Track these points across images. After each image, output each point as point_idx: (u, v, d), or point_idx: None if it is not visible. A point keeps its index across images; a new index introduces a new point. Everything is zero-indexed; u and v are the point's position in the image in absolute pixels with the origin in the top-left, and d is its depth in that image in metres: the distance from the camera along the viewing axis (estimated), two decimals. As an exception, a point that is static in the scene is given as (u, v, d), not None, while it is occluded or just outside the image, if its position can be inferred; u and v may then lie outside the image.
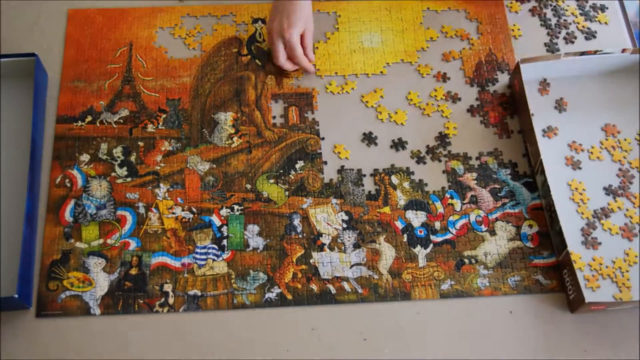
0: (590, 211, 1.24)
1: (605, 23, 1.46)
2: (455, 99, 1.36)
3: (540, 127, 1.31)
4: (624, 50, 1.33)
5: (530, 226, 1.24)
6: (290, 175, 1.27)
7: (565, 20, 1.46)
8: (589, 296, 1.14)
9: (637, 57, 1.34)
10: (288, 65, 1.34)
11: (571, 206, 1.25)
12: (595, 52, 1.32)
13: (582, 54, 1.33)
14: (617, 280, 1.19)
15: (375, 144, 1.30)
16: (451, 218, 1.24)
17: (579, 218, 1.24)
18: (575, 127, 1.33)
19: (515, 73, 1.33)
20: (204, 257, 1.19)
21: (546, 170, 1.22)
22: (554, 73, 1.37)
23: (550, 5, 1.48)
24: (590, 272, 1.19)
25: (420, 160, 1.29)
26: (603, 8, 1.48)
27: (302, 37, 1.33)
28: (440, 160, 1.29)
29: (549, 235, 1.23)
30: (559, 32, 1.44)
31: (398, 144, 1.30)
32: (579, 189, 1.26)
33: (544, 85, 1.37)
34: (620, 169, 1.29)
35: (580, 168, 1.28)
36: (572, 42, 1.44)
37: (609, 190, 1.26)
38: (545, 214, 1.25)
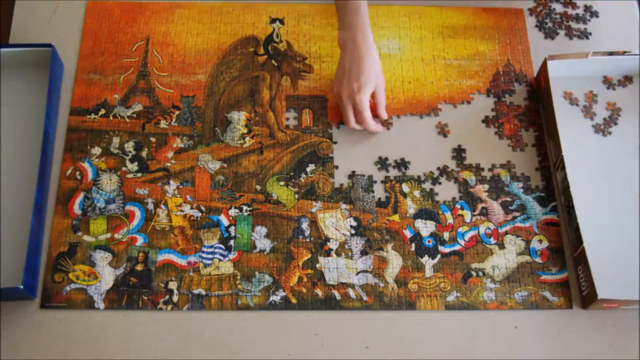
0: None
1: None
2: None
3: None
4: None
5: (540, 241, 1.23)
6: (301, 178, 1.27)
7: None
8: (602, 292, 1.12)
9: None
10: (358, 127, 1.29)
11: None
12: (623, 53, 1.32)
13: (611, 54, 1.32)
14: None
15: (387, 169, 1.29)
16: (460, 229, 1.24)
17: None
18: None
19: (542, 69, 1.34)
20: (210, 256, 1.19)
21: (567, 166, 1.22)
22: (579, 72, 1.37)
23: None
24: (604, 269, 1.18)
25: (434, 181, 1.28)
26: (596, 13, 1.48)
27: (373, 94, 1.27)
28: (455, 176, 1.28)
29: (558, 251, 1.22)
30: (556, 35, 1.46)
31: (401, 164, 1.29)
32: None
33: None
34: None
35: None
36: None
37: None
38: (562, 211, 1.25)
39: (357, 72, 1.24)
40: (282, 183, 1.26)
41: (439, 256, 1.21)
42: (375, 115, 1.30)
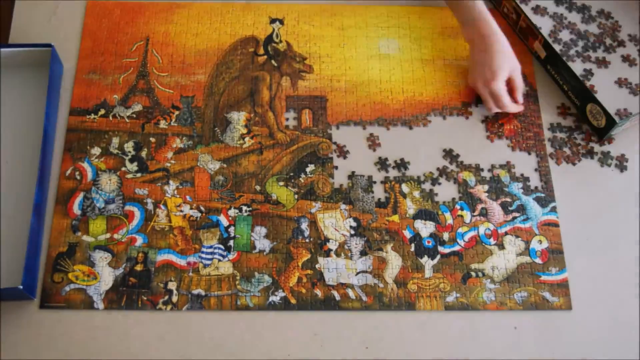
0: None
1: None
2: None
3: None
4: None
5: (540, 242, 1.23)
6: (300, 179, 1.26)
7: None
8: None
9: None
10: (499, 110, 1.32)
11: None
12: None
13: None
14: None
15: (387, 170, 1.29)
16: (460, 230, 1.23)
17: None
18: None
19: None
20: (209, 256, 1.19)
21: None
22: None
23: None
24: None
25: (434, 181, 1.28)
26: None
27: (510, 79, 1.30)
28: (454, 176, 1.28)
29: (558, 251, 1.22)
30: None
31: (401, 165, 1.29)
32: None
33: None
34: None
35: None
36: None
37: None
38: None
39: (488, 61, 1.28)
40: (281, 183, 1.26)
41: (438, 257, 1.21)
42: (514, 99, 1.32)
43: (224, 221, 1.22)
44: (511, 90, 1.31)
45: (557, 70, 1.36)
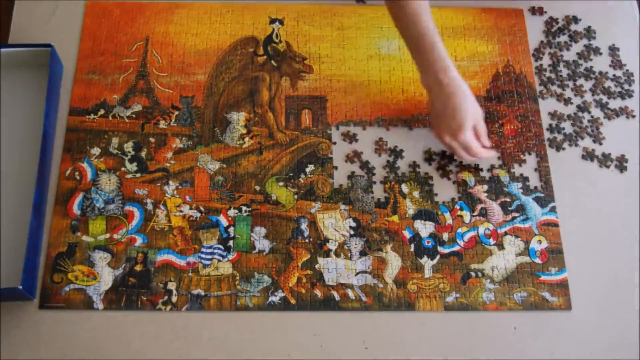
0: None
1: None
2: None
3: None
4: None
5: (540, 242, 1.23)
6: (300, 179, 1.26)
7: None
8: None
9: None
10: (472, 159, 1.26)
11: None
12: None
13: None
14: None
15: (398, 169, 1.30)
16: (459, 230, 1.23)
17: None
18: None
19: None
20: (209, 257, 1.19)
21: None
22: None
23: None
24: None
25: (429, 159, 1.29)
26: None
27: (474, 127, 1.23)
28: (450, 171, 1.29)
29: (558, 251, 1.22)
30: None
31: (393, 151, 1.30)
32: None
33: None
34: None
35: None
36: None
37: None
38: None
39: (451, 112, 1.20)
40: (281, 183, 1.26)
41: (438, 257, 1.21)
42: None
43: (224, 221, 1.22)
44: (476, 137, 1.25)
45: None
